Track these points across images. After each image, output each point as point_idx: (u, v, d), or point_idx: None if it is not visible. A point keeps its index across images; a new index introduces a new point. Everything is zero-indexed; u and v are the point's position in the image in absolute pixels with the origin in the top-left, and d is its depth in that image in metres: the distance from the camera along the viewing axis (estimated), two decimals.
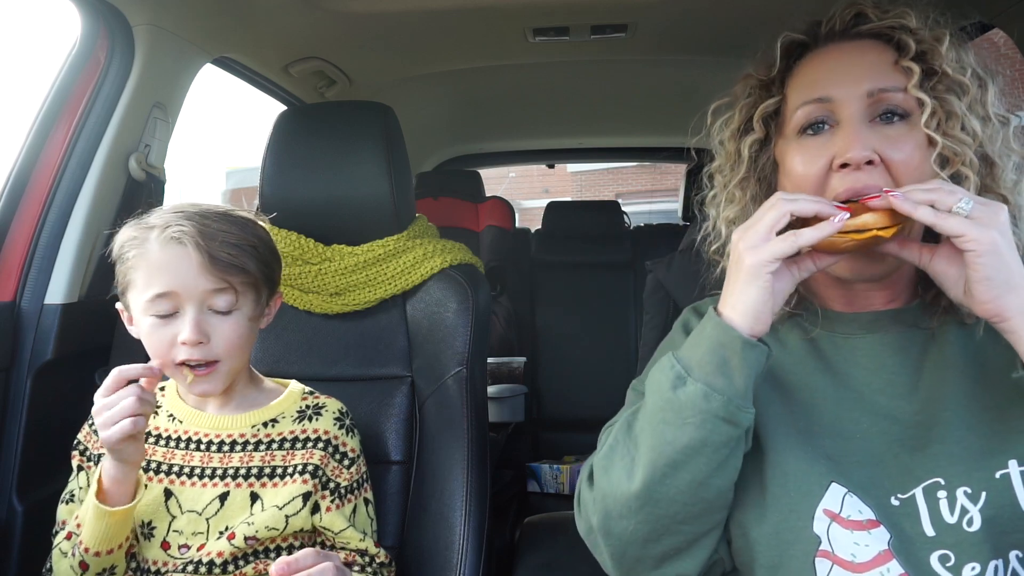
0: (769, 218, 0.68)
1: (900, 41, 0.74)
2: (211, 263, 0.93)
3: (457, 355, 1.22)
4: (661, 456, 0.70)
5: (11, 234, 1.21)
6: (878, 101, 0.73)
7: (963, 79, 0.72)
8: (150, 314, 0.94)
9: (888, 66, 0.74)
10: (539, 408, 2.60)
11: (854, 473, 0.73)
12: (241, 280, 0.96)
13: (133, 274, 0.95)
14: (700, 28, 1.62)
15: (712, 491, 0.71)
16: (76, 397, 1.25)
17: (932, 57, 0.73)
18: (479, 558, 1.10)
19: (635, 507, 0.72)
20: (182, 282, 0.93)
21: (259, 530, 0.96)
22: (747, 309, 0.69)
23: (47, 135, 1.24)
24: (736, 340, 0.68)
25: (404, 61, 1.89)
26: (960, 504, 0.69)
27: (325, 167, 1.23)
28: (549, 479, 2.25)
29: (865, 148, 0.71)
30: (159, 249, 0.93)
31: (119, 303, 1.00)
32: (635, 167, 13.58)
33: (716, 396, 0.68)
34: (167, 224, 0.95)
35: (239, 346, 0.98)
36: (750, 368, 0.69)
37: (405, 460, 1.20)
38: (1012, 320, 0.64)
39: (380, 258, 1.25)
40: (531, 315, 2.68)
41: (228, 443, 1.01)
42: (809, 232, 0.67)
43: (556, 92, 2.39)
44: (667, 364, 0.73)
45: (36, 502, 1.17)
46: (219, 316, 0.95)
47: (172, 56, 1.36)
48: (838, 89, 0.74)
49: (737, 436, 0.70)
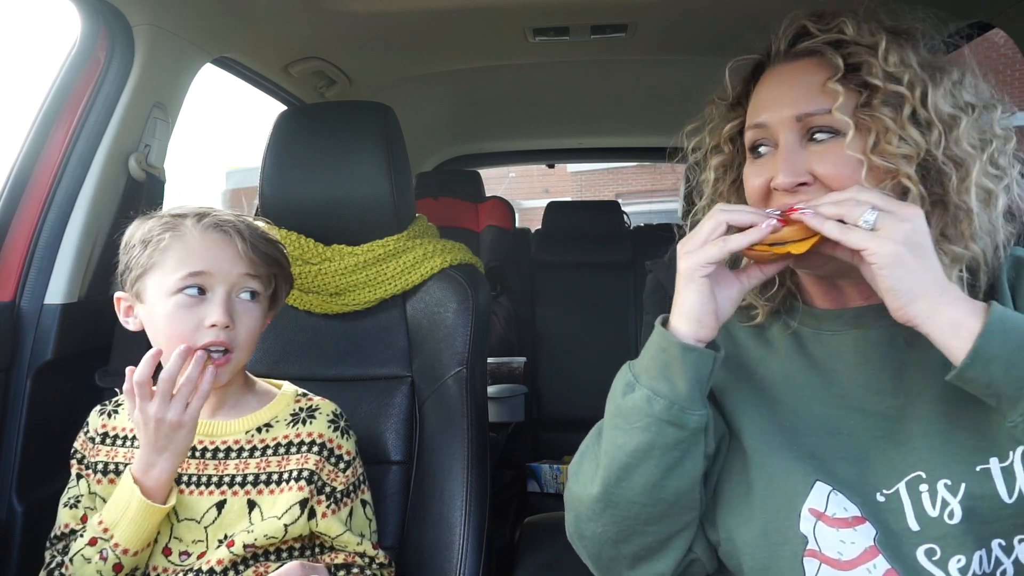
0: (707, 227, 0.71)
1: (826, 59, 0.74)
2: (252, 251, 0.98)
3: (457, 355, 1.22)
4: (614, 461, 0.74)
5: (11, 234, 1.21)
6: (806, 125, 0.74)
7: (899, 88, 0.71)
8: (178, 292, 0.94)
9: (817, 88, 0.74)
10: (539, 408, 2.60)
11: (840, 470, 0.74)
12: (272, 272, 1.03)
13: (160, 256, 0.96)
14: (700, 28, 1.62)
15: (669, 492, 0.74)
16: (76, 397, 1.25)
17: (866, 70, 0.72)
18: (479, 558, 1.10)
19: (598, 510, 0.76)
20: (219, 265, 0.96)
21: (258, 539, 0.96)
22: (688, 313, 0.72)
23: (47, 135, 1.23)
24: (675, 346, 0.71)
25: (404, 61, 1.89)
26: (941, 497, 0.70)
27: (325, 167, 1.23)
28: (549, 479, 2.25)
29: (792, 174, 0.73)
30: (200, 233, 0.97)
31: (120, 293, 1.00)
32: (635, 167, 13.58)
33: (659, 400, 0.72)
34: (205, 213, 0.99)
35: (253, 339, 1.00)
36: (691, 372, 0.71)
37: (405, 460, 1.20)
38: (922, 326, 0.66)
39: (380, 258, 1.25)
40: (531, 315, 2.68)
41: (223, 450, 1.01)
42: (737, 237, 0.70)
43: (556, 92, 2.39)
44: (623, 371, 0.77)
45: (36, 502, 1.17)
46: (244, 304, 0.98)
47: (172, 56, 1.36)
48: (771, 115, 0.76)
49: (685, 438, 0.72)
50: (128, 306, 1.00)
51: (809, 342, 0.82)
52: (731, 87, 0.84)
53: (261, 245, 1.00)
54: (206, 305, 0.95)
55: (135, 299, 0.99)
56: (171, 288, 0.94)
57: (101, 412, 1.05)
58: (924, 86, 0.72)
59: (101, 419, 1.04)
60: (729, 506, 0.77)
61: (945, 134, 0.71)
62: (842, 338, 0.80)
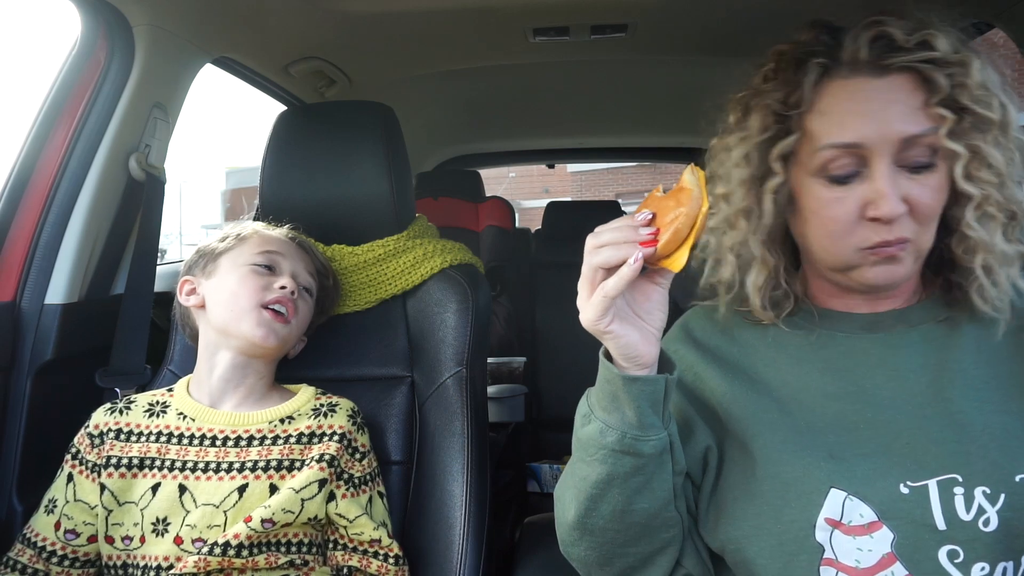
0: (585, 280, 0.67)
1: (929, 78, 0.70)
2: (312, 257, 1.18)
3: (457, 355, 1.22)
4: (582, 491, 0.74)
5: (11, 234, 1.21)
6: (910, 147, 0.70)
7: (989, 114, 0.69)
8: (253, 264, 1.09)
9: (919, 107, 0.70)
10: (539, 408, 2.60)
11: (859, 466, 0.72)
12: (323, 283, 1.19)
13: (238, 243, 1.12)
14: (700, 28, 1.62)
15: (639, 515, 0.74)
16: (76, 397, 1.25)
17: (960, 93, 0.69)
18: (479, 558, 1.10)
19: (577, 537, 0.77)
20: (289, 250, 1.15)
21: (275, 512, 0.97)
22: (617, 354, 0.69)
23: (47, 135, 1.23)
24: (617, 378, 0.69)
25: (404, 61, 1.89)
26: (978, 503, 0.68)
27: (325, 167, 1.23)
28: (549, 479, 2.25)
29: (899, 204, 0.69)
30: (275, 231, 1.17)
31: (186, 275, 1.13)
32: (635, 167, 13.59)
33: (610, 431, 0.71)
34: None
35: (302, 326, 1.15)
36: (638, 400, 0.69)
37: (405, 460, 1.20)
38: None
39: (380, 258, 1.25)
40: (531, 315, 2.68)
41: (245, 438, 1.03)
42: (612, 282, 0.65)
43: (556, 92, 2.39)
44: (582, 400, 0.76)
45: (36, 502, 1.16)
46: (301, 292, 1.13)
47: (172, 56, 1.36)
48: (871, 134, 0.70)
49: (644, 464, 0.71)
50: (191, 288, 1.12)
51: (822, 343, 0.80)
52: (803, 94, 0.74)
53: (319, 257, 1.19)
54: (275, 277, 1.09)
55: (204, 278, 1.11)
56: (247, 261, 1.09)
57: (112, 411, 1.07)
58: (1005, 110, 0.69)
59: (113, 416, 1.06)
60: (733, 518, 0.76)
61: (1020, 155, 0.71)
62: (856, 341, 0.79)
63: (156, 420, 1.05)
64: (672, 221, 0.65)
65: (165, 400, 1.08)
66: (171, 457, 1.01)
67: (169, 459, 1.01)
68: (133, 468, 1.01)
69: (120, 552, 0.99)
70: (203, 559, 0.94)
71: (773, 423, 0.77)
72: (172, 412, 1.05)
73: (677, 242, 0.66)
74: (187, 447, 1.02)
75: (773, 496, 0.74)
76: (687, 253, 0.66)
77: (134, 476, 1.01)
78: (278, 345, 1.07)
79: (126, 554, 0.99)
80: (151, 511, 0.98)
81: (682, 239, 0.66)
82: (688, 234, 0.65)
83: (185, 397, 1.07)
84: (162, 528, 0.98)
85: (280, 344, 1.07)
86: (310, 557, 1.02)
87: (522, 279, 2.70)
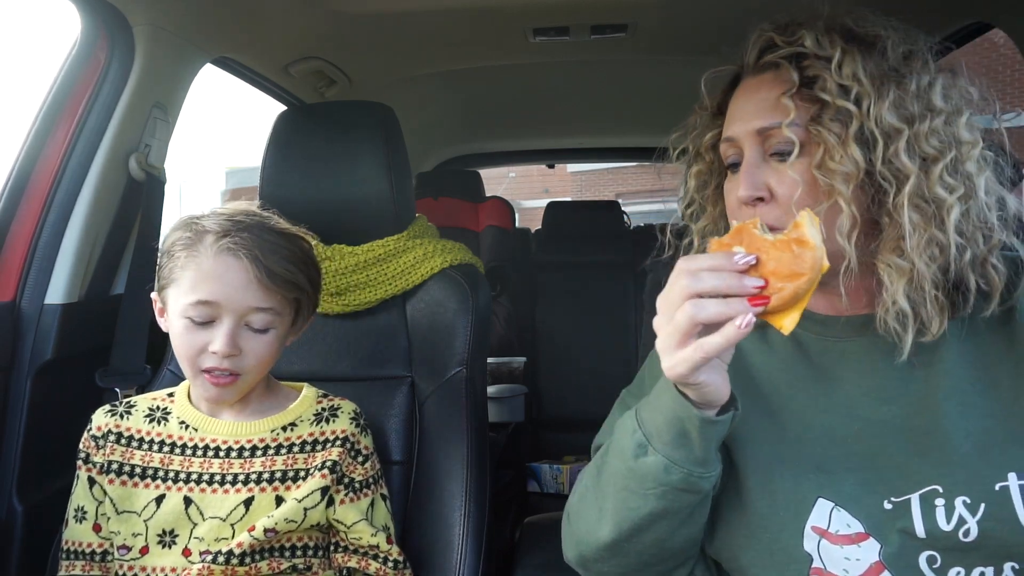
0: (674, 334, 0.62)
1: (785, 73, 0.73)
2: (268, 277, 0.94)
3: (457, 355, 1.22)
4: (626, 520, 0.72)
5: (11, 234, 1.21)
6: (768, 138, 0.74)
7: (846, 104, 0.69)
8: (186, 316, 0.94)
9: (773, 102, 0.73)
10: (539, 408, 2.60)
11: (846, 480, 0.72)
12: (292, 296, 0.99)
13: (179, 273, 0.95)
14: (700, 28, 1.62)
15: (680, 542, 0.74)
16: (76, 397, 1.25)
17: (819, 85, 0.71)
18: (479, 558, 1.10)
19: (607, 555, 0.76)
20: (228, 294, 0.93)
21: (278, 523, 0.96)
22: (697, 398, 0.66)
23: (47, 135, 1.23)
24: (695, 419, 0.66)
25: (404, 61, 1.89)
26: (958, 513, 0.68)
27: (325, 167, 1.23)
28: (549, 479, 2.25)
29: (751, 188, 0.73)
30: (213, 256, 0.93)
31: (154, 293, 1.01)
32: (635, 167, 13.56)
33: (676, 469, 0.68)
34: (225, 232, 0.94)
35: (266, 363, 1.00)
36: (711, 440, 0.68)
37: (405, 460, 1.20)
38: None
39: (380, 258, 1.25)
40: (531, 315, 2.68)
41: (248, 448, 1.01)
42: (716, 341, 0.60)
43: (556, 92, 2.39)
44: (629, 427, 0.72)
45: (36, 502, 1.17)
46: (253, 332, 0.96)
47: (172, 56, 1.36)
48: (738, 128, 0.77)
49: (701, 500, 0.71)
50: (160, 308, 1.01)
51: (812, 347, 0.80)
52: (708, 97, 0.84)
53: (281, 269, 0.96)
54: (213, 330, 0.94)
55: (162, 301, 1.00)
56: (181, 309, 0.94)
57: (112, 412, 1.04)
58: (870, 99, 0.69)
59: (113, 419, 1.03)
60: (729, 526, 0.76)
61: (884, 148, 0.68)
62: (846, 345, 0.78)
63: (158, 427, 1.03)
64: (789, 277, 0.60)
65: (166, 407, 1.05)
66: (175, 468, 1.00)
67: (173, 470, 1.00)
68: (135, 476, 1.00)
69: (122, 562, 0.98)
70: (207, 567, 0.93)
71: (765, 431, 0.77)
72: (174, 420, 1.03)
73: (793, 302, 0.60)
74: (191, 458, 1.00)
75: (763, 505, 0.74)
76: (799, 315, 0.61)
77: (135, 485, 0.99)
78: (236, 396, 1.00)
79: (128, 564, 0.98)
80: (156, 523, 0.97)
81: (799, 300, 0.60)
82: (805, 295, 0.61)
83: (186, 404, 1.04)
84: (169, 540, 0.97)
85: (239, 392, 1.00)
86: (314, 561, 1.01)
87: (522, 279, 2.70)
